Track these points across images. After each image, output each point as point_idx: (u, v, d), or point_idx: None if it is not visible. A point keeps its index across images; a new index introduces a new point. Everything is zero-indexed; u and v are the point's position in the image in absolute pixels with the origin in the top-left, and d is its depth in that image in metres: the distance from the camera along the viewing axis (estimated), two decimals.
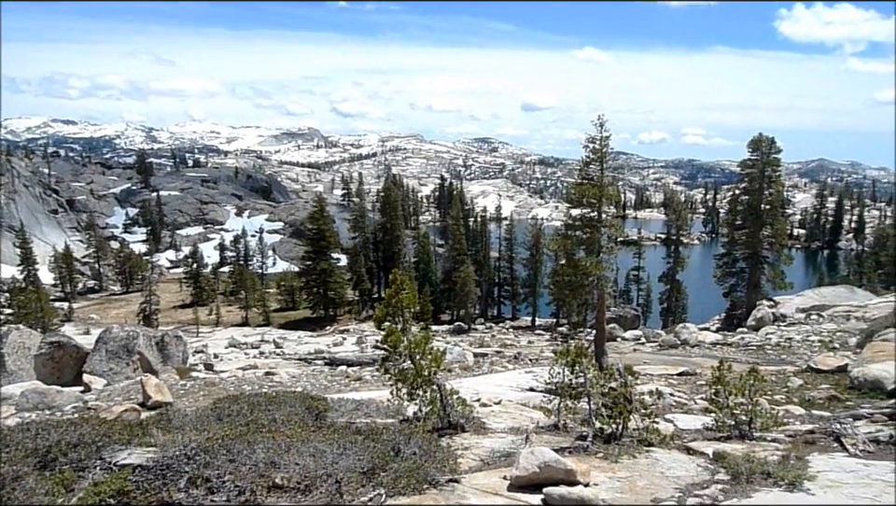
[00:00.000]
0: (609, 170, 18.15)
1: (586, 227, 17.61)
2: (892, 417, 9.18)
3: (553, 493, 5.07)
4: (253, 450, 5.45)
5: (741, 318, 34.98)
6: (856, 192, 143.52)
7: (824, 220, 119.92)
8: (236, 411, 7.61)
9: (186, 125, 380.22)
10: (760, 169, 38.17)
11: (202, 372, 20.70)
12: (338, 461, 5.41)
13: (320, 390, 15.28)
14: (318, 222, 57.66)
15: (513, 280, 61.16)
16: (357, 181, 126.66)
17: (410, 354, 7.21)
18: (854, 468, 6.15)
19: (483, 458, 6.66)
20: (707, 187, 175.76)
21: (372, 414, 8.66)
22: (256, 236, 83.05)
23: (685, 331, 27.64)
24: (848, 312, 28.09)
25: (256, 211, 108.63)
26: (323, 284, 56.30)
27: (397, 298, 7.15)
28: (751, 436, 7.62)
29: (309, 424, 6.93)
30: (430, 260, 63.84)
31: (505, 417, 9.17)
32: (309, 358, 27.55)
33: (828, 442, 7.39)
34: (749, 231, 38.95)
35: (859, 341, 19.15)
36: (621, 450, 6.66)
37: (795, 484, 5.46)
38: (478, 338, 39.22)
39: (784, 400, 12.76)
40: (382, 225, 65.66)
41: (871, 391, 12.82)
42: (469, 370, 21.29)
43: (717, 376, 7.85)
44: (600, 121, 17.15)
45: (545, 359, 20.93)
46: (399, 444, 5.90)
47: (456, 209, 66.48)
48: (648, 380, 14.98)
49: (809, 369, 16.46)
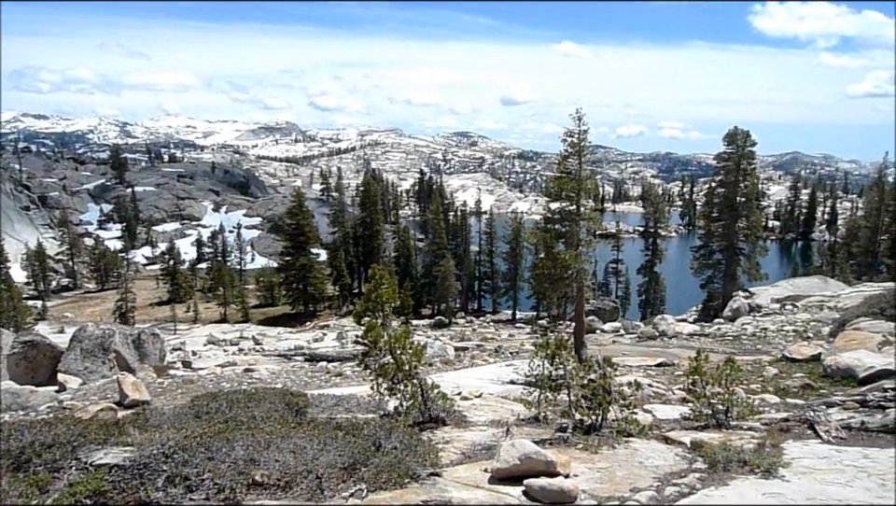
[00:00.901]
0: (587, 164, 18.27)
1: (565, 220, 17.72)
2: (863, 404, 9.40)
3: (534, 485, 5.09)
4: (232, 447, 5.40)
5: (718, 309, 35.51)
6: (829, 185, 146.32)
7: (798, 212, 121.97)
8: (215, 408, 7.53)
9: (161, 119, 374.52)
10: (735, 162, 38.71)
11: (179, 370, 20.46)
12: (318, 457, 5.38)
13: (300, 386, 15.20)
14: (297, 217, 57.22)
15: (494, 274, 61.33)
16: (336, 176, 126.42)
17: (390, 349, 7.19)
18: (827, 454, 6.28)
19: (464, 452, 6.68)
20: (683, 180, 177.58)
21: (353, 409, 8.63)
22: (234, 232, 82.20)
23: (663, 323, 27.98)
24: (822, 302, 28.66)
25: (233, 206, 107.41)
26: (302, 279, 55.94)
27: (376, 293, 7.12)
28: (728, 425, 7.74)
29: (289, 420, 6.88)
30: (411, 255, 63.74)
31: (486, 410, 9.20)
32: (289, 354, 27.39)
33: (802, 429, 7.54)
34: (725, 223, 39.51)
35: (831, 330, 19.58)
36: (600, 441, 6.72)
37: (771, 472, 5.56)
38: (459, 332, 39.30)
39: (760, 389, 13.01)
40: (361, 220, 65.37)
41: (843, 379, 13.12)
42: (450, 364, 21.33)
43: (694, 367, 7.95)
44: (578, 115, 17.25)
45: (526, 352, 21.05)
46: (379, 439, 5.89)
47: (436, 203, 66.45)
48: (627, 371, 15.16)
49: (784, 358, 16.80)
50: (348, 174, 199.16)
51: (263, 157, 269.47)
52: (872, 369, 12.77)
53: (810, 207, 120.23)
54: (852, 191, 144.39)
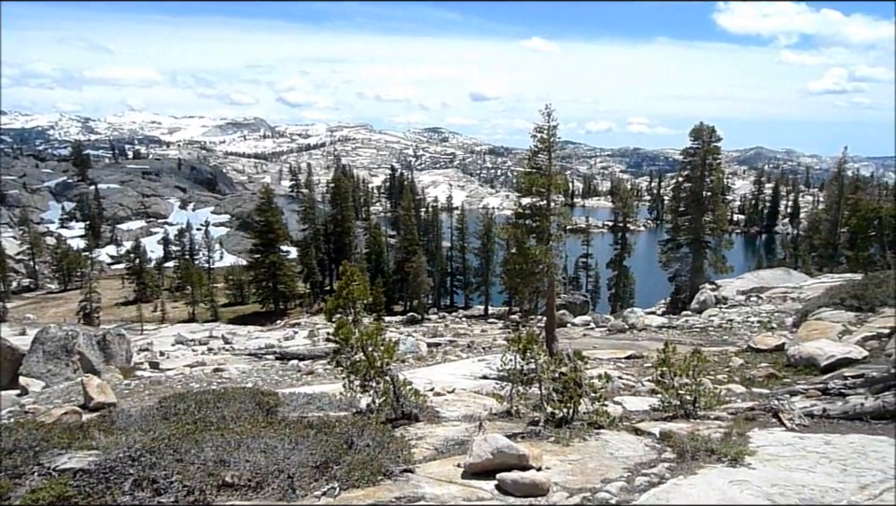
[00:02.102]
0: (557, 159, 18.39)
1: (535, 215, 17.83)
2: (825, 392, 9.67)
3: (507, 478, 5.13)
4: (201, 449, 5.32)
5: (685, 302, 36.15)
6: (791, 179, 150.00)
7: (762, 206, 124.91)
8: (183, 409, 7.42)
9: (124, 115, 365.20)
10: (701, 157, 39.36)
11: (147, 371, 20.08)
12: (290, 456, 5.34)
13: (271, 385, 15.05)
14: (266, 214, 56.47)
15: (466, 269, 61.47)
16: (306, 172, 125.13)
17: (362, 346, 7.15)
18: (791, 441, 6.45)
19: (437, 447, 6.69)
20: (651, 175, 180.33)
21: (325, 407, 8.57)
22: (201, 229, 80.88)
23: (632, 316, 28.39)
24: (785, 293, 29.37)
25: (201, 204, 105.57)
26: (272, 277, 55.28)
27: (347, 289, 7.07)
28: (696, 415, 7.89)
29: (259, 420, 6.81)
30: (382, 251, 63.50)
31: (459, 406, 9.22)
32: (259, 353, 27.07)
33: (767, 418, 7.73)
34: (691, 217, 40.17)
35: (794, 320, 20.07)
36: (572, 433, 6.80)
37: (737, 460, 5.69)
38: (431, 328, 39.32)
39: (726, 380, 13.29)
40: (332, 216, 64.82)
41: (806, 368, 13.48)
42: (423, 360, 21.34)
43: (662, 359, 8.08)
44: (547, 111, 17.36)
45: (498, 347, 21.16)
46: (352, 437, 5.86)
47: (408, 200, 66.19)
48: (597, 364, 15.32)
49: (749, 348, 17.19)
50: (318, 170, 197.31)
51: (231, 153, 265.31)
52: (833, 357, 13.14)
53: (773, 201, 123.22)
54: (813, 185, 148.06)
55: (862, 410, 7.31)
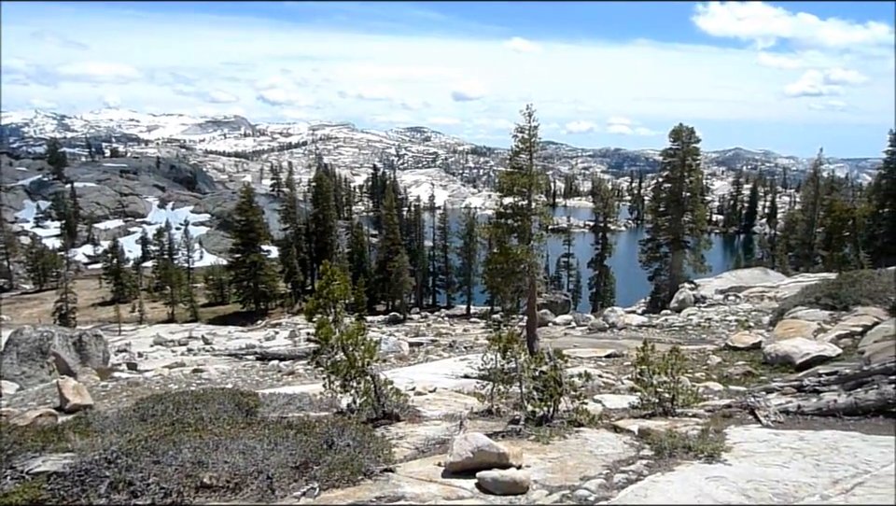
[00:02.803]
0: (538, 159, 18.48)
1: (517, 215, 17.90)
2: (800, 389, 9.84)
3: (487, 477, 5.14)
4: (179, 450, 5.27)
5: (665, 301, 36.53)
6: (769, 180, 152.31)
7: (740, 206, 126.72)
8: (161, 411, 7.34)
9: (101, 112, 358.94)
10: (681, 158, 39.79)
11: (124, 372, 19.84)
12: (269, 457, 5.30)
13: (251, 386, 14.94)
14: (247, 213, 56.00)
15: (448, 269, 61.51)
16: (287, 171, 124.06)
17: (342, 345, 7.13)
18: (766, 438, 6.56)
19: (417, 447, 6.69)
20: (632, 175, 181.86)
21: (305, 407, 8.53)
22: (181, 229, 79.93)
23: (613, 315, 28.62)
24: (762, 292, 29.81)
25: (180, 203, 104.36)
26: (253, 277, 54.85)
27: (328, 289, 7.05)
28: (674, 412, 7.98)
29: (239, 421, 6.76)
30: (364, 251, 63.31)
31: (440, 405, 9.24)
32: (240, 353, 26.86)
33: (743, 414, 7.84)
34: (671, 217, 40.60)
35: (771, 319, 20.39)
36: (552, 431, 6.84)
37: (714, 456, 5.77)
38: (413, 327, 39.29)
39: (704, 377, 13.46)
40: (314, 216, 64.44)
41: (782, 366, 13.71)
42: (405, 359, 21.34)
43: (641, 357, 8.16)
44: (528, 111, 17.43)
45: (480, 346, 21.22)
46: (332, 437, 5.84)
47: (390, 199, 66.06)
48: (577, 363, 15.44)
49: (727, 347, 17.44)
50: (299, 169, 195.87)
51: (211, 152, 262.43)
52: (808, 355, 13.38)
53: (751, 202, 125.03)
54: (790, 186, 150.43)
55: (836, 406, 7.45)
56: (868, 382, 8.60)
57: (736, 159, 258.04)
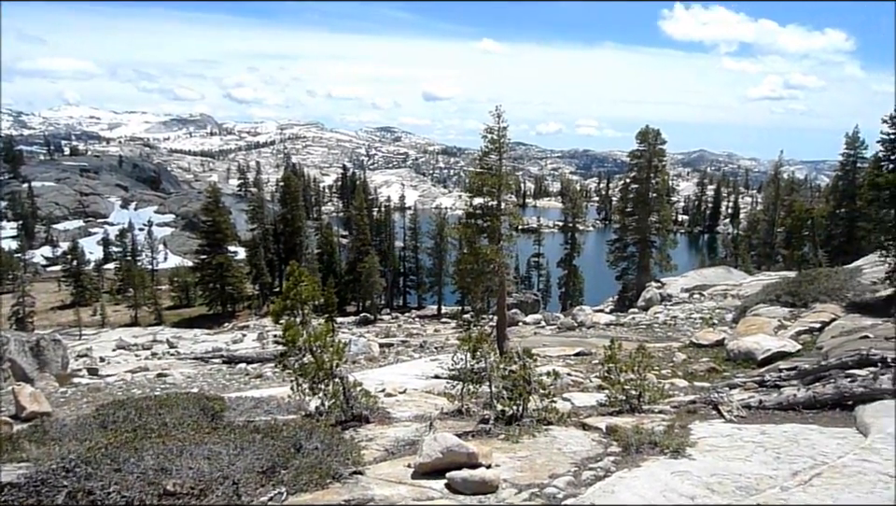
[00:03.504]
0: (508, 160, 18.59)
1: (487, 215, 17.97)
2: (762, 384, 10.08)
3: (456, 477, 5.14)
4: (141, 457, 5.15)
5: (632, 299, 37.08)
6: (732, 181, 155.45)
7: (705, 207, 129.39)
8: (122, 417, 7.17)
9: (61, 109, 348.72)
10: (647, 159, 40.46)
11: (85, 378, 19.36)
12: (235, 462, 5.21)
13: (218, 390, 14.70)
14: (213, 214, 55.06)
15: (419, 269, 61.47)
16: (255, 170, 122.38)
17: (310, 347, 7.05)
18: (729, 432, 6.70)
19: (387, 448, 6.66)
20: (600, 176, 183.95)
21: (273, 411, 8.42)
22: (144, 229, 78.18)
23: (581, 314, 28.93)
24: (726, 290, 30.47)
25: (143, 203, 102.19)
26: (220, 278, 53.96)
27: (295, 290, 6.96)
28: (641, 409, 8.10)
29: (204, 425, 6.63)
30: (334, 252, 62.81)
31: (410, 406, 9.21)
32: (206, 356, 26.43)
33: (707, 410, 8.00)
34: (638, 217, 41.25)
35: (734, 316, 20.87)
36: (521, 430, 6.88)
37: (679, 451, 5.87)
38: (384, 328, 39.15)
39: (670, 374, 13.70)
40: (282, 216, 63.69)
41: (744, 362, 14.04)
42: (375, 360, 21.25)
43: (609, 355, 8.26)
44: (497, 113, 17.52)
45: (450, 347, 21.22)
46: (300, 440, 5.77)
47: (360, 199, 65.64)
48: (547, 362, 15.57)
49: (692, 344, 17.78)
50: (267, 168, 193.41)
51: (176, 150, 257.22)
52: (769, 351, 13.73)
53: (715, 202, 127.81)
54: (752, 187, 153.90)
55: (795, 400, 7.66)
56: (826, 376, 8.86)
57: (701, 160, 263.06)
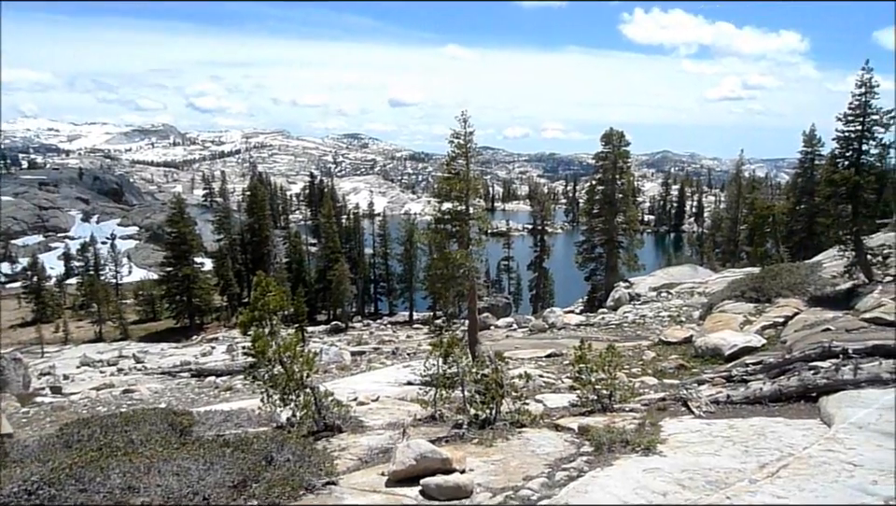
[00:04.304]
0: (476, 164, 18.66)
1: (455, 220, 18.00)
2: (729, 379, 10.30)
3: (430, 483, 5.13)
4: (107, 476, 5.02)
5: (602, 300, 37.50)
6: (695, 180, 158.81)
7: (670, 206, 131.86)
8: (87, 435, 6.97)
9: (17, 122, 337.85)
10: (612, 161, 41.02)
11: (48, 397, 18.80)
12: (205, 477, 5.12)
13: (186, 404, 14.42)
14: (178, 225, 54.03)
15: (389, 276, 61.20)
16: (220, 180, 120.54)
17: (279, 358, 6.96)
18: (699, 428, 6.82)
19: (361, 457, 6.61)
20: (567, 179, 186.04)
21: (244, 423, 8.30)
22: (107, 243, 76.31)
23: (552, 316, 29.16)
24: (692, 288, 31.05)
25: (106, 215, 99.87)
26: (186, 291, 52.95)
27: (263, 301, 6.87)
28: (612, 408, 8.19)
29: (172, 441, 6.49)
30: (303, 260, 62.14)
31: (383, 413, 9.17)
32: (174, 371, 25.91)
33: (677, 406, 8.13)
34: (605, 218, 41.77)
35: (701, 313, 21.26)
36: (495, 434, 6.89)
37: (650, 449, 5.96)
38: (356, 336, 38.88)
39: (640, 373, 13.88)
40: (249, 226, 62.85)
41: (712, 358, 14.31)
42: (347, 369, 21.09)
43: (579, 356, 8.34)
44: (463, 117, 17.59)
45: (423, 353, 21.16)
46: (271, 453, 5.69)
47: (328, 207, 65.11)
48: (519, 364, 15.64)
49: (661, 342, 18.06)
50: (233, 178, 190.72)
51: (138, 161, 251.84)
52: (735, 347, 14.02)
53: (680, 202, 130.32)
54: (715, 186, 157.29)
55: (761, 394, 7.84)
56: (790, 369, 9.09)
57: (665, 161, 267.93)
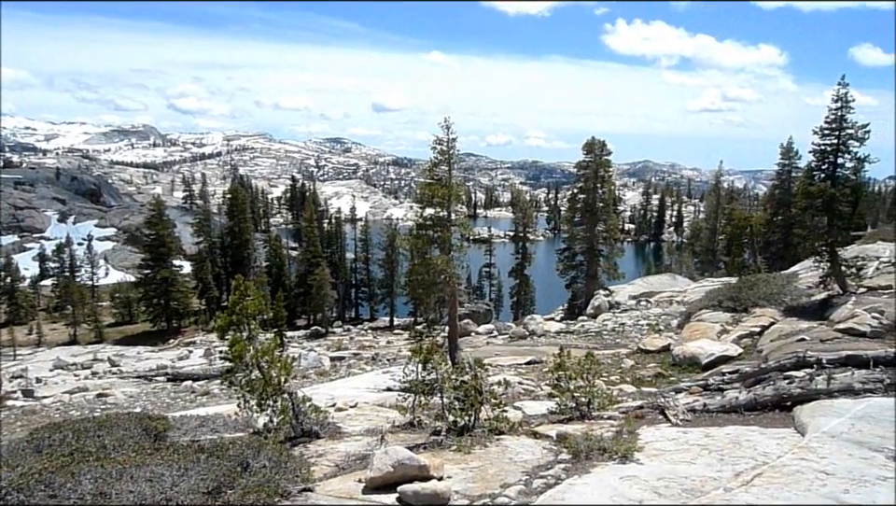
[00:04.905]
0: (459, 171, 18.71)
1: (437, 226, 18.02)
2: (706, 388, 10.40)
3: (408, 491, 5.10)
4: (78, 482, 4.92)
5: (582, 307, 37.70)
6: (675, 190, 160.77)
7: (650, 216, 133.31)
8: (59, 440, 6.82)
9: None
10: (594, 170, 41.36)
11: (19, 400, 18.45)
12: (178, 484, 5.04)
13: (162, 409, 14.21)
14: (157, 227, 53.38)
15: (370, 281, 60.98)
16: (201, 182, 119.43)
17: (257, 363, 6.89)
18: (675, 436, 6.88)
19: (338, 464, 6.56)
20: (549, 187, 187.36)
21: (220, 429, 8.18)
22: (83, 244, 75.07)
23: (533, 323, 29.26)
24: (671, 297, 31.37)
25: (83, 216, 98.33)
26: (164, 294, 52.28)
27: (241, 305, 6.80)
28: (591, 415, 8.23)
29: (146, 447, 6.39)
30: (283, 264, 61.65)
31: (361, 420, 9.11)
32: (149, 374, 25.55)
33: (654, 415, 8.20)
34: (586, 226, 42.06)
35: (679, 322, 21.50)
36: (473, 441, 6.88)
37: (627, 457, 5.99)
38: (336, 341, 38.66)
39: (618, 380, 13.98)
40: (229, 228, 62.28)
41: (689, 366, 14.46)
42: (326, 374, 20.97)
43: (558, 363, 8.37)
44: (446, 124, 17.66)
45: (403, 359, 21.09)
46: (247, 459, 5.62)
47: (310, 211, 64.77)
48: (498, 371, 15.67)
49: (639, 350, 18.21)
50: (214, 180, 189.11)
51: (117, 162, 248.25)
52: (712, 356, 14.19)
53: (660, 211, 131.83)
54: (695, 196, 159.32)
55: (737, 403, 7.93)
56: (766, 379, 9.22)
57: (645, 170, 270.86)
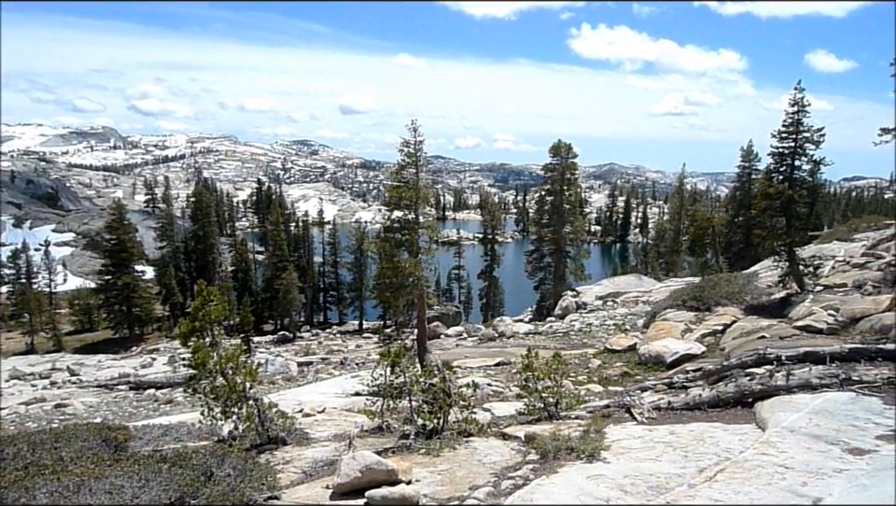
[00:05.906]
0: (427, 173, 18.71)
1: (405, 229, 17.98)
2: (671, 386, 10.57)
3: (376, 495, 5.06)
4: (33, 496, 4.76)
5: (550, 308, 38.03)
6: (640, 192, 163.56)
7: (616, 217, 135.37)
8: (12, 453, 6.59)
9: None
10: (560, 172, 41.85)
11: None
12: (139, 495, 4.91)
13: (123, 418, 13.85)
14: (118, 232, 52.06)
15: (339, 285, 60.51)
16: (164, 185, 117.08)
17: (221, 369, 6.76)
18: (641, 434, 6.97)
19: (305, 470, 6.48)
20: (517, 189, 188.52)
21: (183, 438, 8.02)
22: (41, 250, 72.80)
23: (502, 324, 29.39)
24: (637, 297, 31.85)
25: (40, 221, 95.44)
26: (126, 300, 51.02)
27: (204, 310, 6.66)
28: (558, 416, 8.29)
29: (105, 458, 6.20)
30: (250, 269, 60.78)
31: (329, 425, 9.02)
32: (111, 383, 24.88)
33: (621, 413, 8.30)
34: (553, 228, 42.52)
35: (645, 322, 21.83)
36: (442, 444, 6.87)
37: (594, 456, 6.05)
38: (304, 346, 38.25)
39: (586, 380, 14.13)
40: (193, 233, 61.17)
41: (655, 365, 14.70)
42: (294, 380, 20.72)
43: (525, 364, 8.41)
44: (413, 126, 17.64)
45: (372, 362, 20.98)
46: (211, 468, 5.51)
47: (276, 214, 63.94)
48: (468, 373, 15.70)
49: (606, 350, 18.45)
50: (177, 183, 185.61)
51: (76, 165, 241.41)
52: (677, 354, 14.45)
53: (626, 213, 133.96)
54: (659, 198, 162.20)
55: (701, 400, 8.08)
56: (728, 376, 9.41)
57: (611, 173, 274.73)
